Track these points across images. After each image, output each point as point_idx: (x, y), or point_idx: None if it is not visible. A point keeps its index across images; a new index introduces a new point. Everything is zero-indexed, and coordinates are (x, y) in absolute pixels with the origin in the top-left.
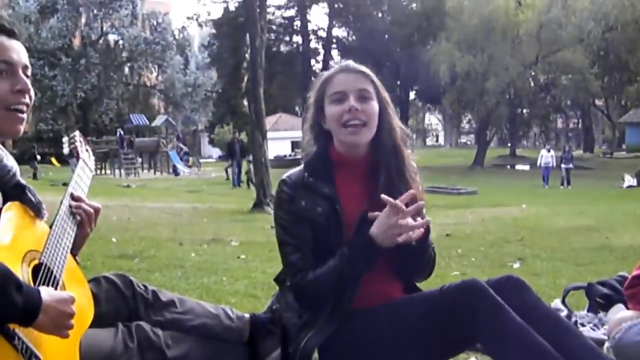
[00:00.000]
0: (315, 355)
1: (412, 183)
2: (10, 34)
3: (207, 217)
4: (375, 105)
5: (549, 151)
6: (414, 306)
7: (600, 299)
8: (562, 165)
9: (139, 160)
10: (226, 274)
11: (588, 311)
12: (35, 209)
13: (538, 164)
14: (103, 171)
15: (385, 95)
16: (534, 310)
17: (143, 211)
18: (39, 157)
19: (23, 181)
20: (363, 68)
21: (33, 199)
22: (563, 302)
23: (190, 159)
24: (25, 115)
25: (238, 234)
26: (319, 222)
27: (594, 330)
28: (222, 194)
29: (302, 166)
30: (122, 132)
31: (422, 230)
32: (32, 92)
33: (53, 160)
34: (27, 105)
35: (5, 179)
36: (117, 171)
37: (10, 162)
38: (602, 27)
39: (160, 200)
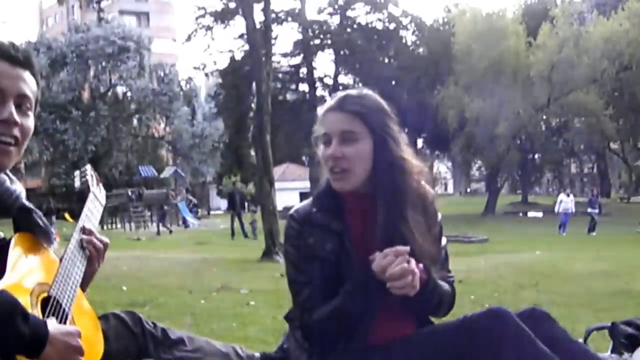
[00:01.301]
0: None
1: (414, 225)
2: (14, 60)
3: (216, 267)
4: (362, 146)
5: (568, 196)
6: (434, 338)
7: (625, 340)
8: (589, 210)
9: (148, 213)
10: (236, 320)
11: (612, 352)
12: (43, 234)
13: (556, 210)
14: (113, 225)
15: (387, 130)
16: (561, 343)
17: (153, 262)
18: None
19: (29, 204)
20: (354, 105)
21: (41, 222)
22: (585, 343)
23: (199, 210)
24: (11, 149)
25: (247, 282)
26: (329, 259)
27: None
28: (230, 244)
29: (310, 200)
30: (130, 193)
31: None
32: (24, 128)
33: (66, 215)
34: (17, 140)
35: (9, 202)
36: (127, 225)
37: (14, 185)
38: (616, 66)
39: (170, 251)
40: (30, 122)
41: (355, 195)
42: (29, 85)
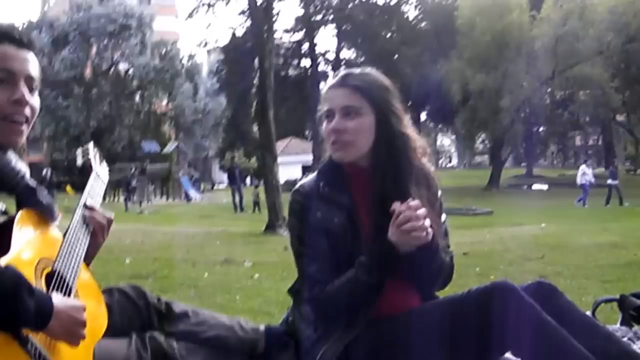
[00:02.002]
0: None
1: (415, 194)
2: (19, 43)
3: (220, 240)
4: (364, 121)
5: (589, 167)
6: (438, 311)
7: (634, 312)
8: (610, 182)
9: (151, 187)
10: (240, 292)
11: (621, 324)
12: (46, 211)
13: (578, 182)
14: (115, 199)
15: (388, 105)
16: (568, 315)
17: (156, 235)
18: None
19: (33, 183)
20: (357, 80)
21: (44, 201)
22: (593, 315)
23: (202, 184)
24: (23, 128)
25: (251, 255)
26: (336, 233)
27: (629, 344)
28: (233, 218)
29: (315, 175)
30: (133, 168)
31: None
32: (33, 107)
33: (68, 188)
34: (27, 118)
35: (15, 181)
36: (129, 199)
37: (20, 164)
38: (622, 38)
39: (173, 225)
40: (37, 101)
41: (359, 169)
42: (34, 66)
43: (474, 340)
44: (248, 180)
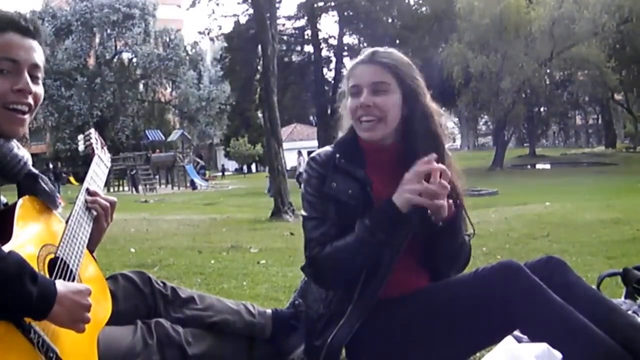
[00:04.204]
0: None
1: (452, 168)
2: (25, 31)
3: (226, 227)
4: (392, 97)
5: None
6: (447, 291)
7: (638, 285)
8: None
9: (156, 176)
10: (246, 278)
11: (625, 298)
12: (49, 198)
13: None
14: (121, 188)
15: (414, 81)
16: (576, 289)
17: (161, 223)
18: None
19: (35, 170)
20: (384, 58)
21: (46, 188)
22: (598, 289)
23: (207, 172)
24: (26, 117)
25: (257, 241)
26: (349, 204)
27: (634, 316)
28: (240, 205)
29: (331, 147)
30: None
31: (447, 210)
32: (36, 96)
33: (71, 179)
34: (30, 107)
35: (17, 168)
36: (133, 188)
37: (22, 152)
38: (617, 19)
39: (179, 213)
40: (40, 89)
41: (378, 147)
42: (39, 54)
43: (482, 319)
44: (253, 167)
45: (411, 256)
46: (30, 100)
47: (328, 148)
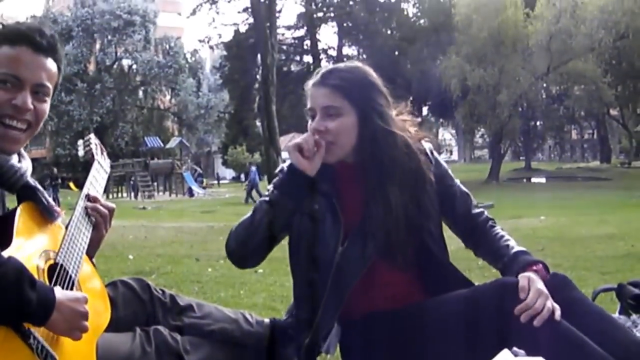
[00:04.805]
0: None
1: (395, 192)
2: (38, 47)
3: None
4: (345, 120)
5: None
6: (443, 306)
7: (632, 301)
8: None
9: (154, 183)
10: (244, 287)
11: (620, 314)
12: (46, 211)
13: None
14: (119, 194)
15: (371, 103)
16: (580, 305)
17: (159, 231)
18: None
19: (33, 182)
20: (335, 79)
21: (44, 200)
22: None
23: (204, 180)
24: (22, 135)
25: None
26: (316, 218)
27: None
28: (236, 213)
29: None
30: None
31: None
32: (38, 112)
33: (71, 184)
34: (29, 124)
35: (13, 179)
36: (132, 194)
37: (23, 162)
38: (613, 35)
39: (176, 220)
40: (45, 106)
41: (344, 165)
42: (49, 72)
43: (477, 336)
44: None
45: (405, 270)
46: (29, 117)
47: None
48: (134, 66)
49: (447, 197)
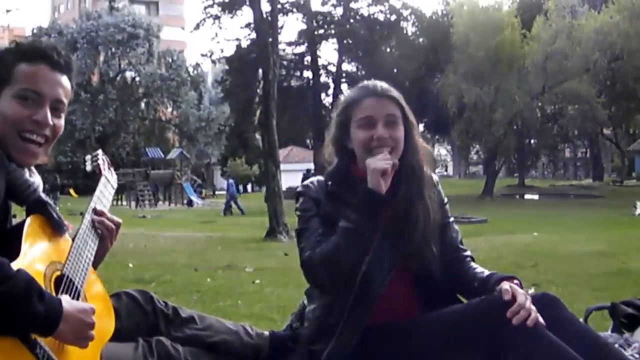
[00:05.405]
0: None
1: (429, 201)
2: (55, 65)
3: (221, 246)
4: (401, 129)
5: None
6: (438, 323)
7: (625, 319)
8: None
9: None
10: (241, 297)
11: (612, 331)
12: (56, 225)
13: None
14: (120, 202)
15: (411, 116)
16: (569, 325)
17: (159, 239)
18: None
19: (44, 197)
20: (392, 91)
21: (54, 215)
22: (585, 323)
23: (203, 190)
24: (39, 150)
25: (252, 261)
26: None
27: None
28: (234, 223)
29: (321, 177)
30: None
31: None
32: (56, 128)
33: (71, 191)
34: (47, 139)
35: (27, 193)
36: (133, 202)
37: (34, 177)
38: (608, 56)
39: (175, 230)
40: (62, 122)
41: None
42: (66, 90)
43: (471, 351)
44: (249, 186)
45: (403, 285)
46: (48, 132)
47: (317, 178)
48: (137, 78)
49: (444, 226)
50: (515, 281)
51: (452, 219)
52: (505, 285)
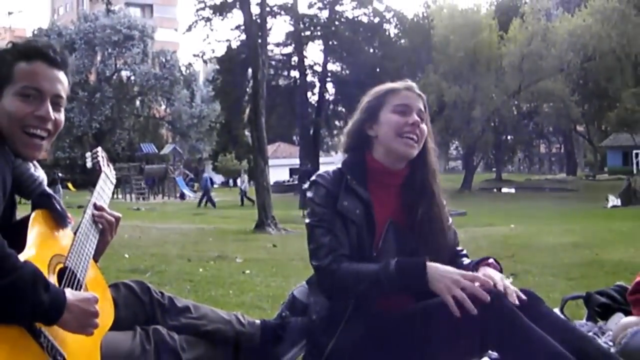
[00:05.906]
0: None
1: (440, 204)
2: (52, 62)
3: (212, 237)
4: (425, 127)
5: None
6: (426, 314)
7: (598, 308)
8: None
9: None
10: (233, 287)
11: (587, 320)
12: (59, 218)
13: None
14: (115, 196)
15: (429, 120)
16: (548, 319)
17: (153, 231)
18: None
19: (49, 190)
20: (422, 95)
21: (58, 207)
22: (561, 311)
23: (195, 184)
24: (43, 143)
25: (242, 252)
26: (356, 223)
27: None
28: (225, 216)
29: (336, 168)
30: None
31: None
32: (57, 122)
33: (69, 185)
34: (49, 133)
35: (32, 187)
36: (128, 196)
37: (38, 172)
38: (581, 57)
39: (169, 222)
40: (62, 116)
41: (385, 170)
42: (64, 85)
43: (459, 341)
44: (239, 180)
45: None
46: (50, 126)
47: (332, 169)
48: (132, 77)
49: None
50: (491, 260)
51: (450, 221)
52: (483, 270)
